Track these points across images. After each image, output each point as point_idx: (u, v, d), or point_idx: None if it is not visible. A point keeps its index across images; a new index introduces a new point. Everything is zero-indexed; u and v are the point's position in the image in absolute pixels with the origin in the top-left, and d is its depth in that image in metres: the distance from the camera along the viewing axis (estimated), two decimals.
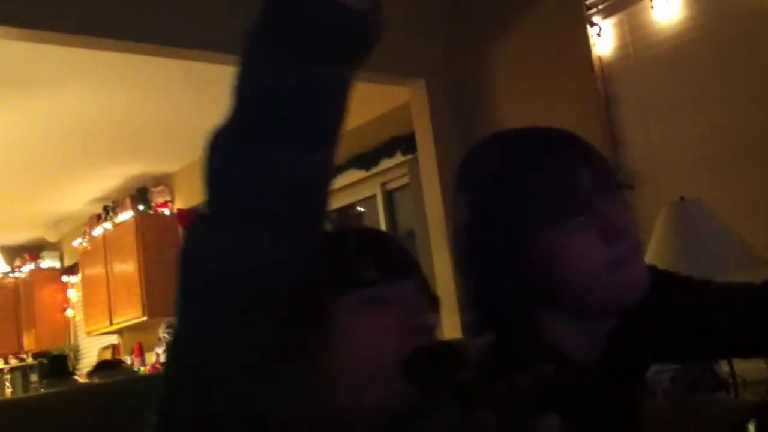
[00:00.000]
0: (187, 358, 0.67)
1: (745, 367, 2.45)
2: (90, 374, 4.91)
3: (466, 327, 1.04)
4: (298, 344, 0.73)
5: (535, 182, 0.97)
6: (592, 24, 3.33)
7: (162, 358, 6.36)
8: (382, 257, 0.89)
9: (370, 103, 4.25)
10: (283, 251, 0.65)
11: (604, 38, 3.32)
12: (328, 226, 0.79)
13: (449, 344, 0.88)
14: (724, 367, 2.44)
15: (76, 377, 5.56)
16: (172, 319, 0.70)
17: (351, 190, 5.09)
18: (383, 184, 4.92)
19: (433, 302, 0.92)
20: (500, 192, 0.99)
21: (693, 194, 2.55)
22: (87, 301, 7.14)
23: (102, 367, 4.90)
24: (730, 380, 2.41)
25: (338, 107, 0.66)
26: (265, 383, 0.69)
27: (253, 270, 0.65)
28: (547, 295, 0.99)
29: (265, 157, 0.64)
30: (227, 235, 0.65)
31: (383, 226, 4.89)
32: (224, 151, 0.67)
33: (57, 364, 5.24)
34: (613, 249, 0.95)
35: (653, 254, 2.38)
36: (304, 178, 0.65)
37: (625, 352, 1.08)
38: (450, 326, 1.27)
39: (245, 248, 0.64)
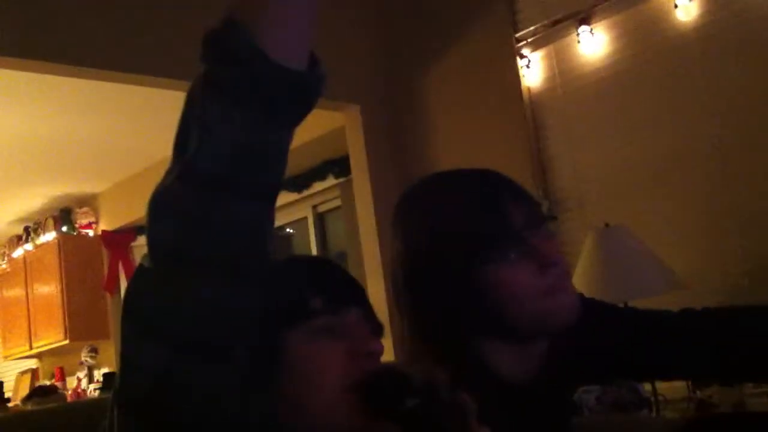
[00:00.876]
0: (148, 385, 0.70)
1: (666, 387, 2.56)
2: (25, 400, 4.77)
3: (407, 356, 1.09)
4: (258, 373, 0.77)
5: (475, 221, 1.05)
6: (522, 56, 3.46)
7: (84, 383, 6.20)
8: (331, 287, 0.91)
9: (302, 127, 4.27)
10: (237, 294, 0.70)
11: (532, 70, 3.44)
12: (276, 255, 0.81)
13: (398, 371, 0.89)
14: (646, 386, 2.54)
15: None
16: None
17: (282, 212, 5.10)
18: (314, 207, 4.95)
19: (378, 329, 0.94)
20: (437, 232, 1.07)
21: (618, 220, 2.66)
22: (5, 325, 6.91)
23: (37, 393, 4.76)
24: (652, 399, 2.52)
25: (281, 161, 0.70)
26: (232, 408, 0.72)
27: (208, 315, 0.69)
28: (486, 323, 1.07)
29: (215, 207, 0.67)
30: (185, 283, 0.69)
31: (314, 248, 4.92)
32: (176, 199, 0.69)
33: None
34: (547, 278, 1.04)
35: (579, 279, 2.47)
36: (248, 224, 0.69)
37: (556, 374, 1.15)
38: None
39: (201, 296, 0.69)
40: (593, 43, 3.23)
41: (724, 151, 2.88)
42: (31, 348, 6.50)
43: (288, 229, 5.33)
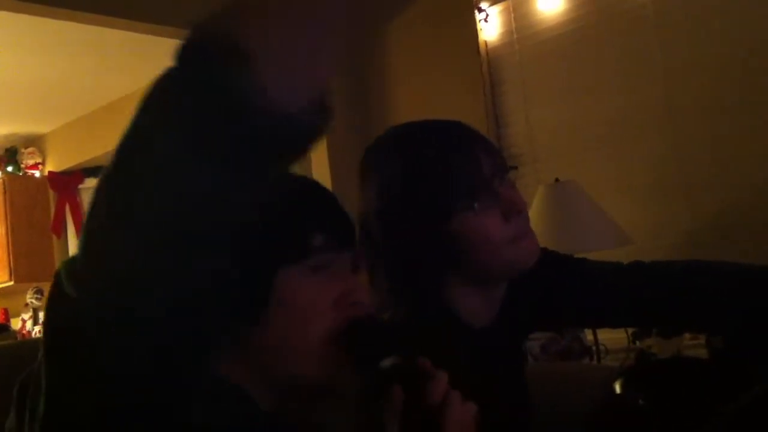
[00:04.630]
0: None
1: (607, 337, 2.66)
2: None
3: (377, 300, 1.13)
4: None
5: (444, 171, 1.09)
6: (480, 10, 3.47)
7: (29, 325, 6.14)
8: (328, 223, 0.86)
9: None
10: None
11: (490, 24, 3.46)
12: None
13: (382, 328, 0.90)
14: (588, 336, 2.64)
15: None
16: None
17: None
18: None
19: (361, 269, 0.91)
20: (412, 180, 1.11)
21: (569, 176, 2.73)
22: None
23: None
24: (594, 348, 2.62)
25: (251, 210, 0.64)
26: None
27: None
28: (456, 266, 1.12)
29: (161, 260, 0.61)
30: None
31: None
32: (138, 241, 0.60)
33: None
34: (512, 226, 1.10)
35: None
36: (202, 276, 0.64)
37: (511, 320, 1.21)
38: None
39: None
40: (551, 1, 3.26)
41: (673, 113, 2.96)
42: None
43: None
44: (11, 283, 6.01)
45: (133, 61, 4.58)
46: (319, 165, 3.87)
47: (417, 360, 0.82)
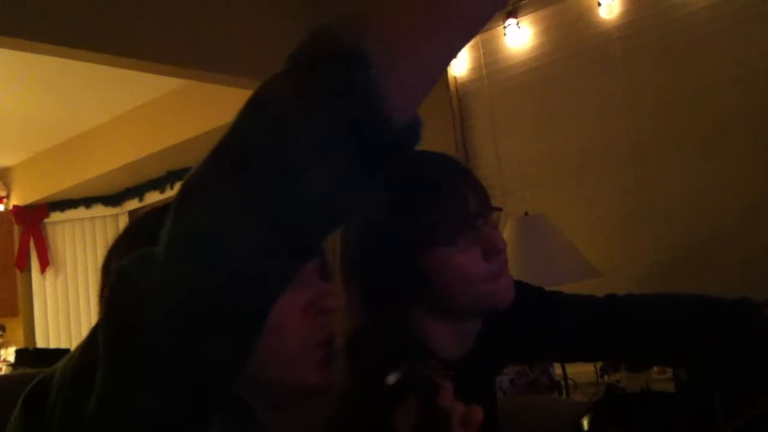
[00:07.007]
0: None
1: (576, 371, 2.66)
2: None
3: (353, 330, 1.12)
4: None
5: (430, 204, 1.09)
6: None
7: None
8: None
9: (231, 106, 4.24)
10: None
11: (459, 59, 3.49)
12: None
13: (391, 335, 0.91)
14: (557, 370, 2.63)
15: None
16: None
17: None
18: None
19: (328, 275, 0.89)
20: (397, 210, 1.09)
21: (538, 209, 2.74)
22: None
23: None
24: (563, 383, 2.61)
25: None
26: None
27: None
28: (431, 299, 1.11)
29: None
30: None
31: None
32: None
33: None
34: (491, 265, 1.09)
35: None
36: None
37: (487, 352, 1.20)
38: None
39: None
40: (519, 36, 3.30)
41: (639, 147, 3.00)
42: None
43: None
44: None
45: (100, 95, 4.55)
46: None
47: (430, 371, 0.84)
